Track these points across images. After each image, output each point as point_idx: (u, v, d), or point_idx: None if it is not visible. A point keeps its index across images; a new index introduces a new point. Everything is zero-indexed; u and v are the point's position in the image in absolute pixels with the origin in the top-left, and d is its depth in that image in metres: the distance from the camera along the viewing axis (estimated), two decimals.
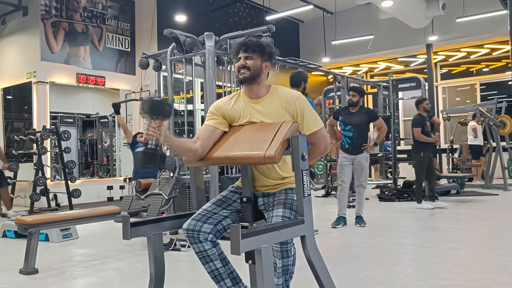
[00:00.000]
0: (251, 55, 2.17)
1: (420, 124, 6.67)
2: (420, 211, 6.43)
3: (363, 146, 5.22)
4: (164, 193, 4.90)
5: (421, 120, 6.71)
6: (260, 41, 2.23)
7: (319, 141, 2.18)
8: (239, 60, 2.19)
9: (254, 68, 2.15)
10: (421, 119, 6.71)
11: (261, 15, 11.71)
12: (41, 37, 8.49)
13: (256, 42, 2.20)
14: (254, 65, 2.16)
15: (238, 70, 2.18)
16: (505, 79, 11.89)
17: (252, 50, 2.17)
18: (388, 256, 3.87)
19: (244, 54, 2.17)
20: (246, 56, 2.17)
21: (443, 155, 10.94)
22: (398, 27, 11.67)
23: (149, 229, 2.12)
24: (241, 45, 2.21)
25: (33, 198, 6.95)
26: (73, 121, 10.00)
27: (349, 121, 5.29)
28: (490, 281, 2.99)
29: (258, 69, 2.17)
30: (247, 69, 2.15)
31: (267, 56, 2.21)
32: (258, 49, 2.18)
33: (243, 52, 2.18)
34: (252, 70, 2.15)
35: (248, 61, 2.16)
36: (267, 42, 2.29)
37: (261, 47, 2.19)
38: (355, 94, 5.30)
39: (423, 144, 6.63)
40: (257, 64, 2.16)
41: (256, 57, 2.17)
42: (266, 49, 2.20)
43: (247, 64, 2.16)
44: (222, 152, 2.10)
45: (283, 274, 2.11)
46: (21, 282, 3.33)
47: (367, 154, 5.32)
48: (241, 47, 2.20)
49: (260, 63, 2.17)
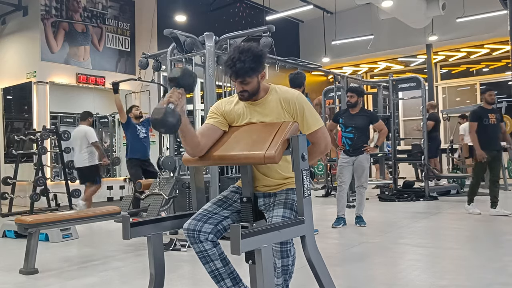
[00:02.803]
0: (244, 79, 2.09)
1: (477, 118, 5.77)
2: (419, 211, 6.43)
3: (364, 147, 5.21)
4: (164, 193, 4.90)
5: (480, 114, 5.78)
6: (247, 60, 2.04)
7: (319, 140, 2.17)
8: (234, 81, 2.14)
9: (252, 89, 2.13)
10: (480, 112, 5.80)
11: (261, 15, 11.71)
12: (41, 37, 8.49)
13: (243, 66, 2.04)
14: (251, 87, 2.12)
15: (237, 92, 2.16)
16: (505, 79, 11.88)
17: (243, 76, 2.08)
18: (388, 256, 3.87)
19: (238, 80, 2.11)
20: (240, 81, 2.11)
21: (443, 155, 10.93)
22: (398, 27, 11.66)
23: (149, 229, 2.12)
24: (231, 72, 2.08)
25: (33, 198, 6.94)
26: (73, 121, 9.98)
27: (350, 123, 5.23)
28: (490, 281, 2.99)
29: (256, 87, 2.14)
30: (245, 92, 2.13)
31: (260, 68, 2.13)
32: (250, 71, 2.07)
33: (235, 79, 2.11)
34: (250, 91, 2.13)
35: (245, 86, 2.12)
36: (253, 50, 2.08)
37: (251, 69, 2.06)
38: (353, 95, 5.25)
39: (485, 141, 5.70)
40: (254, 84, 2.12)
41: (251, 79, 2.10)
42: (257, 66, 2.09)
43: (245, 89, 2.12)
44: (222, 152, 2.10)
45: (282, 274, 2.11)
46: (21, 282, 3.33)
47: (368, 155, 5.31)
48: (231, 74, 2.09)
49: (256, 80, 2.12)
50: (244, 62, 2.04)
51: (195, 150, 2.09)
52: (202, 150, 2.10)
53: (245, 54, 2.06)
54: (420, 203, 7.31)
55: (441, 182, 8.85)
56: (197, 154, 2.10)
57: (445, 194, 8.05)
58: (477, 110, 5.91)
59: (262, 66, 2.13)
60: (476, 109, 5.95)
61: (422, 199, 7.53)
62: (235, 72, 2.07)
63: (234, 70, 2.06)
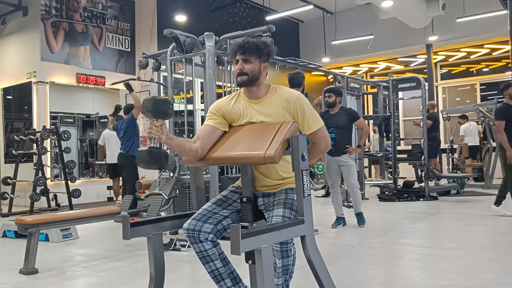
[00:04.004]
0: (248, 57, 2.13)
1: (504, 115, 5.34)
2: (419, 211, 6.43)
3: (346, 148, 5.15)
4: (164, 193, 4.91)
5: (507, 111, 5.37)
6: (257, 42, 2.16)
7: (319, 140, 2.18)
8: (237, 62, 2.17)
9: (252, 72, 2.14)
10: (506, 109, 5.39)
11: (261, 15, 11.71)
12: (41, 37, 8.49)
13: (253, 44, 2.15)
14: (252, 69, 2.13)
15: (236, 74, 2.17)
16: (505, 79, 11.88)
17: (249, 53, 2.13)
18: (388, 256, 3.87)
19: (242, 56, 2.14)
20: (243, 58, 2.14)
21: (443, 155, 10.93)
22: (398, 27, 11.66)
23: (149, 229, 2.12)
24: (238, 47, 2.16)
25: (33, 198, 6.94)
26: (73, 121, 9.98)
27: (330, 123, 5.08)
28: (490, 281, 2.99)
29: (256, 72, 2.15)
30: (245, 75, 2.14)
31: (265, 57, 2.17)
32: (256, 51, 2.14)
33: (240, 55, 2.15)
34: (250, 75, 2.14)
35: (246, 65, 2.14)
36: (265, 41, 2.23)
37: (258, 49, 2.14)
38: (330, 95, 5.22)
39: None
40: (255, 67, 2.14)
41: (254, 60, 2.14)
42: (263, 50, 2.16)
43: (245, 69, 2.13)
44: (222, 152, 2.10)
45: (283, 274, 2.11)
46: (21, 282, 3.33)
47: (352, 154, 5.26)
48: (238, 49, 2.16)
49: (258, 65, 2.15)
50: (253, 42, 2.16)
51: (194, 156, 2.10)
52: (202, 154, 2.11)
53: (256, 39, 2.21)
54: (420, 203, 7.31)
55: (441, 182, 8.85)
56: (197, 158, 2.11)
57: (445, 194, 8.06)
58: (503, 107, 5.44)
59: (267, 55, 2.18)
60: (502, 106, 5.49)
61: (422, 199, 7.53)
62: (242, 46, 2.14)
63: (242, 45, 2.15)
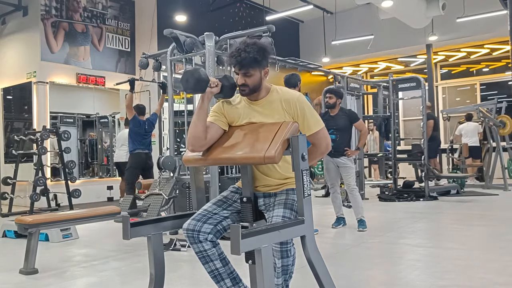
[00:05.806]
0: (247, 71, 2.10)
1: None
2: (419, 211, 6.43)
3: (345, 150, 5.11)
4: (164, 193, 4.91)
5: None
6: (253, 52, 2.08)
7: (320, 141, 2.18)
8: (237, 73, 2.15)
9: (253, 83, 2.13)
10: None
11: (261, 15, 11.71)
12: (41, 37, 8.49)
13: (250, 57, 2.07)
14: (253, 81, 2.12)
15: (239, 85, 2.16)
16: (505, 79, 11.89)
17: (248, 67, 2.10)
18: (388, 256, 3.87)
19: (241, 71, 2.12)
20: (243, 73, 2.12)
21: (443, 155, 10.93)
22: (398, 27, 11.66)
23: (149, 229, 2.13)
24: (235, 62, 2.11)
25: (33, 198, 6.94)
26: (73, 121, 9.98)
27: (330, 125, 5.03)
28: (490, 281, 2.99)
29: (258, 81, 2.14)
30: (247, 87, 2.13)
31: (265, 63, 2.15)
32: (254, 63, 2.09)
33: (239, 70, 2.12)
34: (251, 86, 2.13)
35: (247, 79, 2.12)
36: (261, 46, 2.13)
37: (256, 61, 2.09)
38: (331, 96, 5.19)
39: None
40: (256, 78, 2.12)
41: (254, 71, 2.11)
42: (262, 59, 2.12)
43: (246, 82, 2.12)
44: (222, 152, 2.10)
45: (282, 274, 2.11)
46: (21, 282, 3.33)
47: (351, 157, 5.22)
48: (235, 65, 2.11)
49: (259, 75, 2.13)
50: (249, 53, 2.08)
51: (198, 142, 2.08)
52: (205, 145, 2.10)
53: (250, 46, 2.10)
54: (420, 203, 7.31)
55: (441, 182, 8.85)
56: (198, 148, 2.10)
57: (445, 194, 8.05)
58: None
59: (266, 61, 2.15)
60: None
61: (422, 199, 7.53)
62: (239, 62, 2.09)
63: (239, 59, 2.09)
